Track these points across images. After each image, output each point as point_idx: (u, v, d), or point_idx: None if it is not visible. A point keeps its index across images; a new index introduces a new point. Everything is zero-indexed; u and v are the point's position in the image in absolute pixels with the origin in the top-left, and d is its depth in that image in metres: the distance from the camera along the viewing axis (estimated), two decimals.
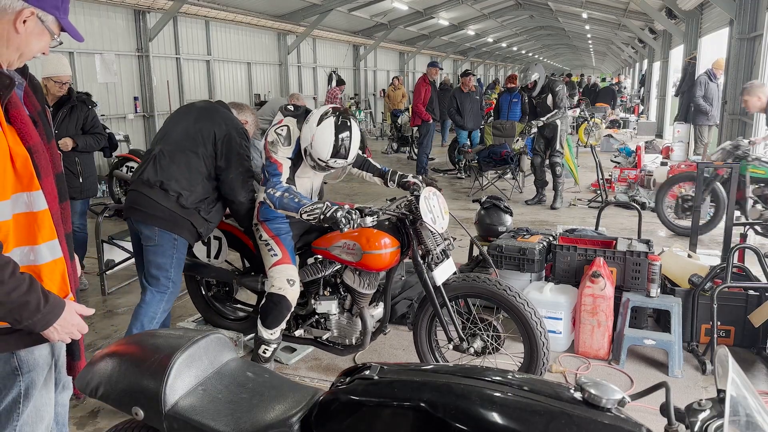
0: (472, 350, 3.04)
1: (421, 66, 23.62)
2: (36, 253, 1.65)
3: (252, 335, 3.83)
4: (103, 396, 1.73)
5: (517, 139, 8.26)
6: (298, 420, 1.54)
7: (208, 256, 3.64)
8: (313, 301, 3.32)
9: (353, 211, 2.83)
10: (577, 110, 14.05)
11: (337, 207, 2.81)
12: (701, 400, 1.26)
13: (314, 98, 17.56)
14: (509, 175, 8.97)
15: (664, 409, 1.25)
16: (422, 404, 1.39)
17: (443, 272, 3.05)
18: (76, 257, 1.93)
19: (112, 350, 1.79)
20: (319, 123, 2.91)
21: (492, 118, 11.20)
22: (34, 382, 1.76)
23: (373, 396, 1.49)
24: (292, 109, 3.10)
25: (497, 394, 1.39)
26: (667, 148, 12.33)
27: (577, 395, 1.36)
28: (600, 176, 8.10)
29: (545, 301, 3.74)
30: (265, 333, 3.19)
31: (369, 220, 2.91)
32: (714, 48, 11.98)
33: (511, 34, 28.04)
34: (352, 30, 18.63)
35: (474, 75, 10.97)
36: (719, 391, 1.23)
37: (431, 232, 3.01)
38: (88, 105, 4.70)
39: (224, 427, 1.55)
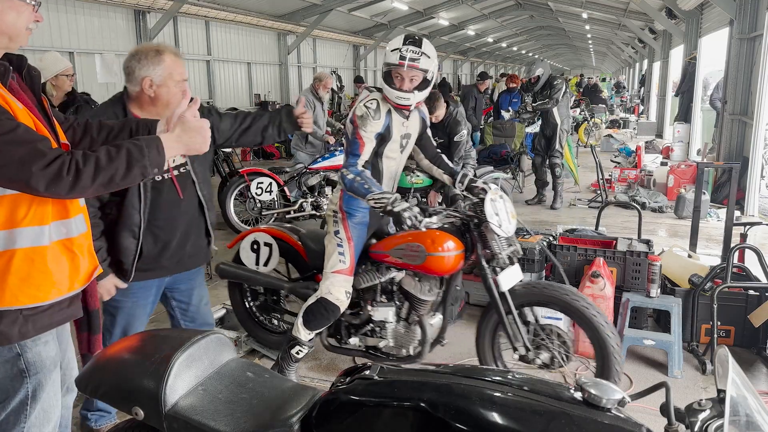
0: (539, 362, 2.87)
1: None
2: (68, 227, 1.72)
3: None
4: (103, 396, 1.74)
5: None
6: (298, 420, 1.54)
7: (257, 263, 3.49)
8: (369, 308, 3.15)
9: (420, 212, 2.71)
10: (578, 110, 14.05)
11: (406, 205, 2.69)
12: (701, 400, 1.26)
13: None
14: (509, 175, 8.97)
15: (664, 409, 1.25)
16: (422, 404, 1.39)
17: (509, 278, 2.88)
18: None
19: (112, 350, 1.79)
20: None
21: (492, 118, 11.21)
22: (42, 383, 1.77)
23: (373, 396, 1.49)
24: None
25: (497, 394, 1.39)
26: (667, 148, 12.34)
27: (577, 395, 1.36)
28: (600, 176, 8.11)
29: None
30: (303, 333, 3.07)
31: (435, 220, 2.80)
32: (714, 48, 11.98)
33: (511, 34, 28.05)
34: (352, 30, 18.64)
35: (491, 78, 11.03)
36: (719, 391, 1.23)
37: (497, 235, 2.86)
38: (92, 105, 4.71)
39: (224, 427, 1.55)
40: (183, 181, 2.48)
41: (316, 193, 6.67)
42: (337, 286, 2.98)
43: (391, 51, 2.85)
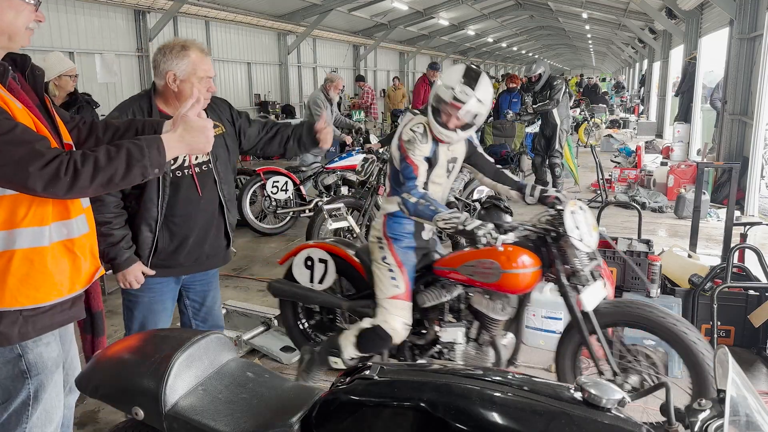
0: (628, 386, 2.63)
1: (421, 66, 23.62)
2: (69, 227, 1.71)
3: (253, 334, 3.83)
4: (103, 396, 1.74)
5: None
6: (298, 420, 1.54)
7: (311, 280, 3.30)
8: (437, 329, 2.96)
9: (494, 229, 2.56)
10: (578, 110, 14.05)
11: (479, 223, 2.56)
12: (701, 400, 1.26)
13: None
14: None
15: (664, 409, 1.25)
16: (422, 404, 1.39)
17: (593, 296, 2.66)
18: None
19: (112, 350, 1.79)
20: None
21: (492, 118, 11.21)
22: (43, 384, 1.76)
23: (373, 396, 1.49)
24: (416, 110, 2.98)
25: (497, 394, 1.39)
26: (667, 148, 12.34)
27: (577, 395, 1.36)
28: (600, 176, 8.10)
29: (545, 301, 3.73)
30: (349, 350, 2.93)
31: (511, 237, 2.64)
32: (714, 48, 11.98)
33: (511, 34, 28.05)
34: (352, 30, 18.64)
35: (492, 77, 11.02)
36: (719, 391, 1.23)
37: (578, 250, 2.67)
38: (93, 106, 4.71)
39: (224, 427, 1.55)
40: (204, 178, 2.48)
41: (332, 193, 6.68)
42: (393, 315, 2.83)
43: (446, 88, 2.72)
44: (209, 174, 2.51)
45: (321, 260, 3.28)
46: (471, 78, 2.72)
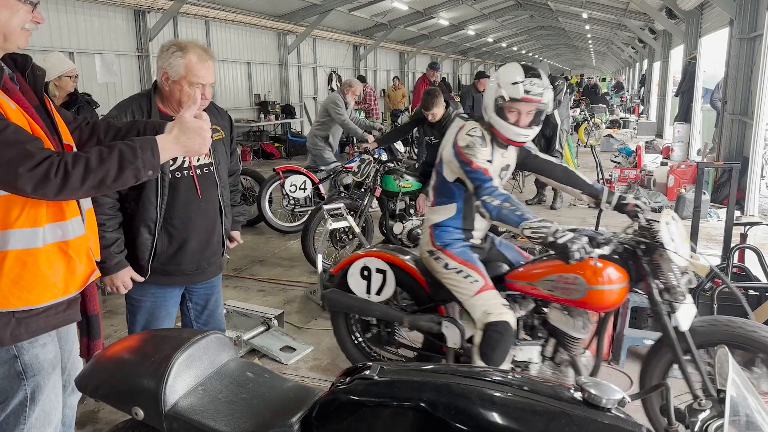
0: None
1: (421, 66, 23.61)
2: (64, 229, 1.70)
3: (253, 334, 3.83)
4: (103, 396, 1.74)
5: None
6: (298, 420, 1.54)
7: (368, 291, 3.14)
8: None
9: (588, 241, 2.33)
10: (578, 110, 14.05)
11: (571, 235, 2.30)
12: (701, 400, 1.26)
13: (314, 98, 17.56)
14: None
15: (664, 409, 1.25)
16: (422, 404, 1.39)
17: (688, 315, 2.47)
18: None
19: (112, 350, 1.79)
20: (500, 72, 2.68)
21: None
22: (40, 386, 1.76)
23: (373, 396, 1.49)
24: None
25: (497, 394, 1.39)
26: (667, 148, 12.34)
27: (577, 395, 1.36)
28: (600, 176, 8.10)
29: None
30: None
31: (607, 251, 2.43)
32: (714, 48, 11.99)
33: (511, 34, 28.04)
34: (352, 30, 18.63)
35: (488, 76, 10.99)
36: (719, 391, 1.23)
37: (674, 264, 2.45)
38: (93, 106, 4.71)
39: (224, 427, 1.55)
40: (204, 181, 2.46)
41: (350, 192, 6.69)
42: (489, 304, 2.64)
43: (512, 84, 2.61)
44: (210, 176, 2.49)
45: (379, 270, 3.12)
46: (532, 71, 2.64)
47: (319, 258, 4.68)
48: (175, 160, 2.36)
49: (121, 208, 2.38)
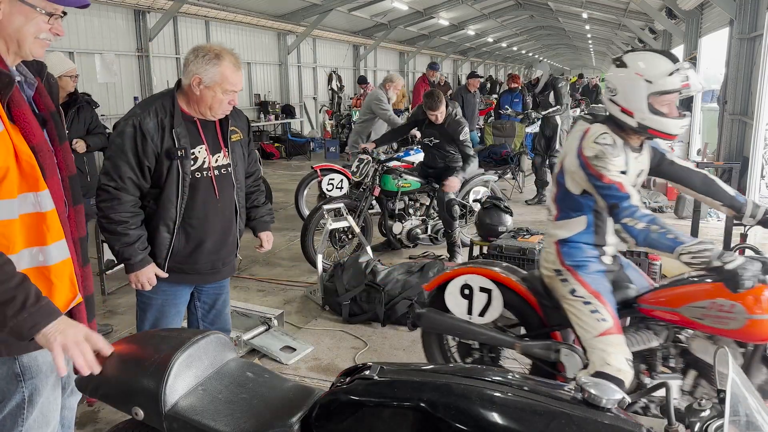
0: None
1: (421, 66, 23.60)
2: (46, 254, 1.63)
3: (253, 334, 3.83)
4: (103, 396, 1.74)
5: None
6: (298, 420, 1.54)
7: (470, 312, 2.84)
8: (647, 380, 2.48)
9: (762, 266, 2.06)
10: (578, 110, 14.06)
11: (742, 260, 2.04)
12: (701, 400, 1.26)
13: (314, 98, 17.56)
14: (509, 175, 8.98)
15: (665, 409, 1.25)
16: (422, 404, 1.39)
17: None
18: (90, 265, 1.90)
19: (112, 350, 1.79)
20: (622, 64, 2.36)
21: (492, 118, 11.21)
22: (38, 388, 1.75)
23: (373, 396, 1.49)
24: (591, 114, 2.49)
25: (497, 394, 1.39)
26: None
27: (577, 395, 1.36)
28: None
29: None
30: None
31: None
32: (714, 48, 11.98)
33: (511, 34, 28.04)
34: (352, 30, 18.62)
35: (481, 77, 10.99)
36: (719, 391, 1.23)
37: None
38: (92, 106, 4.71)
39: (224, 427, 1.55)
40: (222, 182, 2.49)
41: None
42: (612, 354, 2.33)
43: (669, 75, 2.29)
44: (228, 178, 2.51)
45: (483, 289, 2.82)
46: (672, 57, 2.38)
47: (319, 258, 4.69)
48: (195, 159, 2.39)
49: (141, 206, 2.40)
